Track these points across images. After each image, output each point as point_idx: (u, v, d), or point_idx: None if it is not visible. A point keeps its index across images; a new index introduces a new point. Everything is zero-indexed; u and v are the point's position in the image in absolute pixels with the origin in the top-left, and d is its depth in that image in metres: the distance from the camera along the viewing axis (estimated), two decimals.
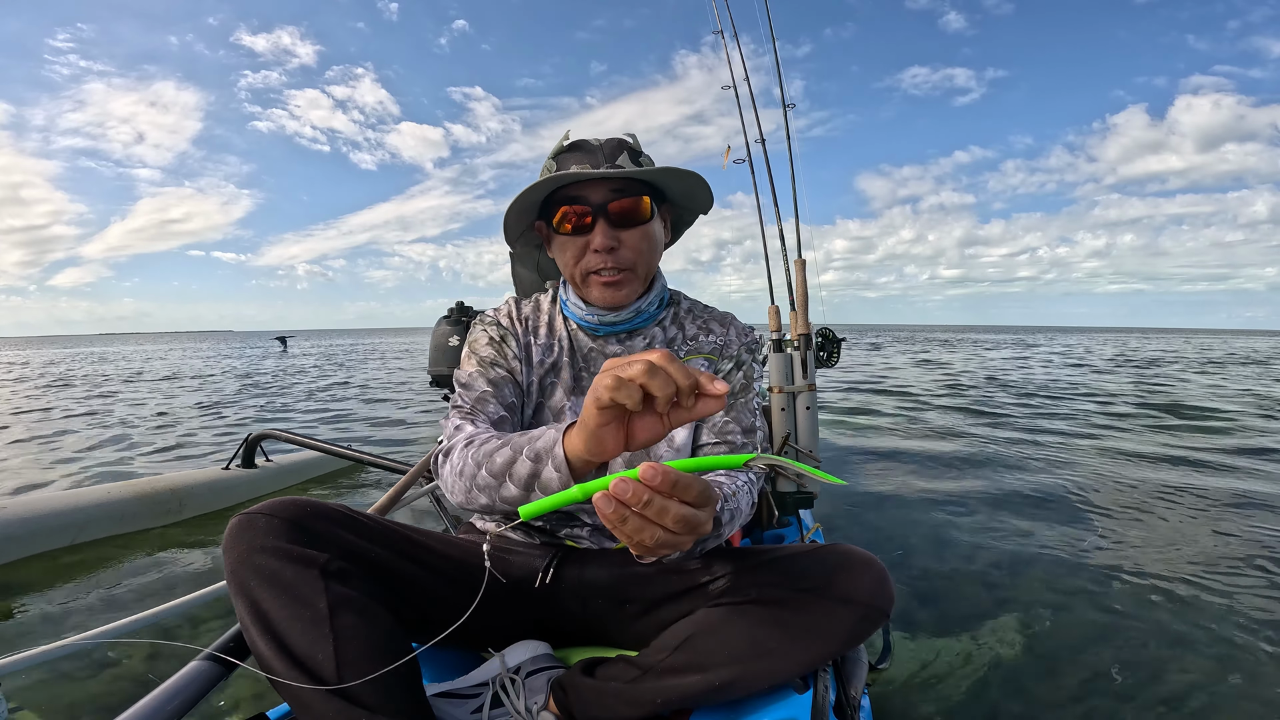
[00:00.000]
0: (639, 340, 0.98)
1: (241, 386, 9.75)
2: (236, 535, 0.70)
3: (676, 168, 0.87)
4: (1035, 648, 1.64)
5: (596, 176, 0.86)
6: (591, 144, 0.91)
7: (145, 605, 1.47)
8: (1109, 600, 1.91)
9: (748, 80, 2.14)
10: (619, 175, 0.86)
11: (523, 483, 0.68)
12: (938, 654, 1.60)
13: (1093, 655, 1.60)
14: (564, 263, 0.92)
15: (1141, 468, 3.75)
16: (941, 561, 2.22)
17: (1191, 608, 1.85)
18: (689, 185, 0.92)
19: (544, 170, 0.92)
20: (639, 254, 0.90)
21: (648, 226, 0.91)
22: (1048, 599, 1.91)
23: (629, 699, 0.77)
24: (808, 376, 1.65)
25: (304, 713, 0.64)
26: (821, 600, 0.75)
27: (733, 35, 2.17)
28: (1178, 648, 1.63)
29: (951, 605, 1.88)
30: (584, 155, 0.89)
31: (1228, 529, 2.58)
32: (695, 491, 0.51)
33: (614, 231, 0.88)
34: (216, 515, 2.78)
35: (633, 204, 0.88)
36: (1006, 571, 2.13)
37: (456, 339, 1.68)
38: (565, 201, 0.88)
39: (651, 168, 0.89)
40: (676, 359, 0.53)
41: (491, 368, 0.93)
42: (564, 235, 0.90)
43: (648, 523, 0.51)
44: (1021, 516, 2.74)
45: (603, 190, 0.87)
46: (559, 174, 0.86)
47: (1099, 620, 1.78)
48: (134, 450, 4.58)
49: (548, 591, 0.90)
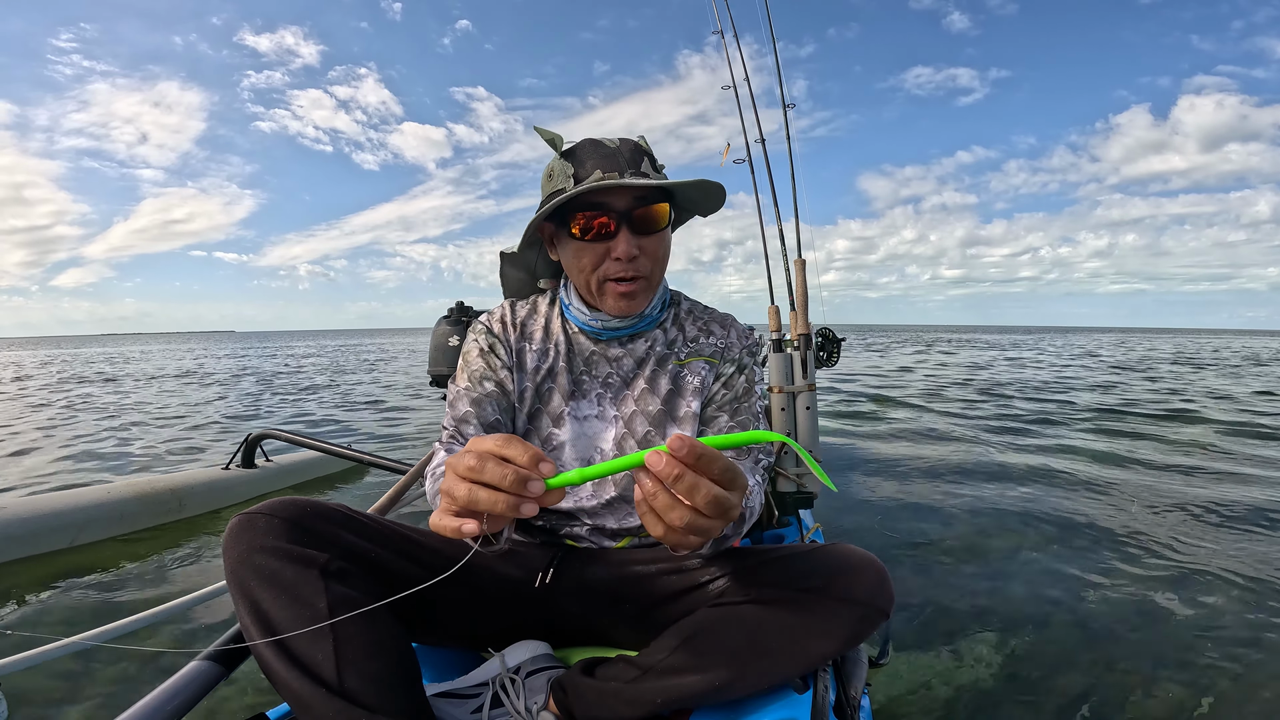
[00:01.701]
0: (640, 343, 0.98)
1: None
2: (236, 535, 0.70)
3: (706, 180, 0.86)
4: (1035, 647, 1.64)
5: (636, 186, 0.83)
6: (608, 145, 0.87)
7: (145, 605, 1.47)
8: (1110, 599, 1.91)
9: (748, 81, 2.14)
10: (655, 185, 0.83)
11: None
12: (938, 654, 1.60)
13: (1094, 654, 1.60)
14: (578, 268, 0.89)
15: (1155, 475, 3.74)
16: (942, 561, 2.22)
17: (1204, 610, 1.85)
18: (708, 194, 0.91)
19: (554, 170, 0.89)
20: (656, 261, 0.90)
21: (665, 233, 0.90)
22: (1048, 599, 1.91)
23: (629, 699, 0.77)
24: (807, 376, 1.65)
25: (304, 713, 0.64)
26: (821, 600, 0.75)
27: (733, 35, 2.17)
28: (1179, 648, 1.63)
29: (952, 605, 1.88)
30: (602, 158, 0.85)
31: (1242, 534, 2.58)
32: (720, 467, 0.51)
33: (636, 239, 0.86)
34: (216, 515, 2.78)
35: (656, 212, 0.87)
36: (1006, 572, 2.13)
37: (456, 339, 1.68)
38: (587, 207, 0.85)
39: (685, 180, 0.86)
40: (513, 443, 0.51)
41: (480, 383, 0.93)
42: (580, 240, 0.87)
43: (677, 502, 0.51)
44: (1024, 516, 2.74)
45: (627, 197, 0.85)
46: (601, 182, 0.82)
47: (1100, 621, 1.78)
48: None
49: (548, 591, 0.90)
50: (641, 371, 0.96)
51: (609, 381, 0.96)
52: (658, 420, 0.94)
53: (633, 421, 0.94)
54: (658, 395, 0.94)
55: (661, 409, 0.94)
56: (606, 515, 0.94)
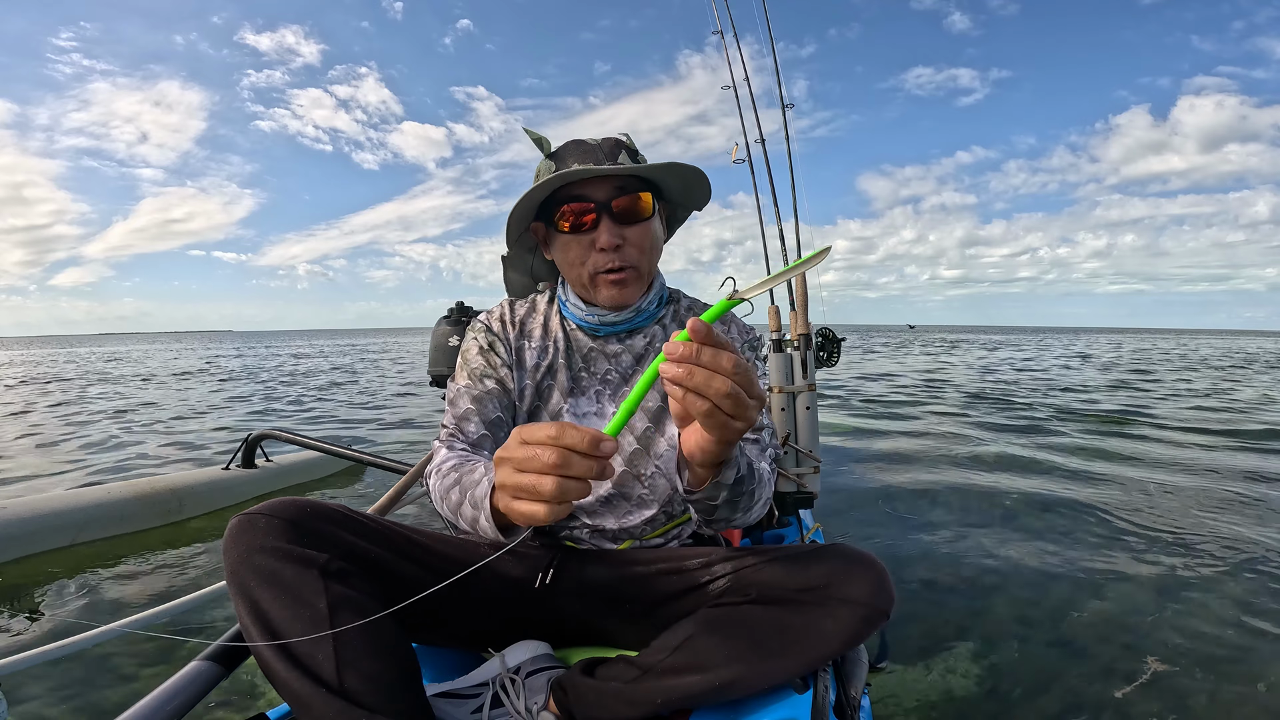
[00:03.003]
0: (639, 339, 0.98)
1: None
2: (236, 535, 0.70)
3: (680, 163, 0.88)
4: (1037, 647, 1.64)
5: (604, 173, 0.86)
6: (589, 143, 0.91)
7: (145, 605, 1.47)
8: (1111, 599, 1.91)
9: (748, 81, 2.14)
10: (625, 171, 0.86)
11: (471, 523, 0.73)
12: (939, 654, 1.60)
13: (1096, 654, 1.60)
14: (568, 263, 0.92)
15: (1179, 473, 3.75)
16: (942, 561, 2.22)
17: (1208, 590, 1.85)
18: (688, 181, 0.93)
19: (540, 172, 0.92)
20: (643, 251, 0.91)
21: (649, 223, 0.91)
22: (1051, 598, 1.91)
23: (629, 699, 0.77)
24: (808, 376, 1.65)
25: (304, 713, 0.64)
26: (822, 600, 0.75)
27: (733, 36, 2.17)
28: (1176, 646, 1.63)
29: (952, 605, 1.88)
30: (583, 154, 0.89)
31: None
32: (730, 357, 0.52)
33: (618, 229, 0.88)
34: (216, 515, 2.78)
35: (635, 200, 0.88)
36: (1009, 570, 2.13)
37: (456, 339, 1.68)
38: (567, 200, 0.87)
39: (655, 163, 0.89)
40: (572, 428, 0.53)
41: (480, 381, 0.94)
42: (566, 235, 0.89)
43: (715, 374, 0.51)
44: (1025, 517, 2.74)
45: (606, 188, 0.87)
46: (569, 170, 0.84)
47: (1103, 619, 1.78)
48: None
49: (548, 592, 0.90)
50: (640, 368, 0.97)
51: (608, 378, 0.97)
52: (656, 416, 0.95)
53: (631, 418, 0.94)
54: (656, 391, 0.95)
55: (660, 405, 0.95)
56: (606, 514, 0.94)
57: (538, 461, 0.52)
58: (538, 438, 0.53)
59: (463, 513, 0.75)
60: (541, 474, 0.53)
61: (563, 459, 0.52)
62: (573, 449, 0.52)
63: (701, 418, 0.54)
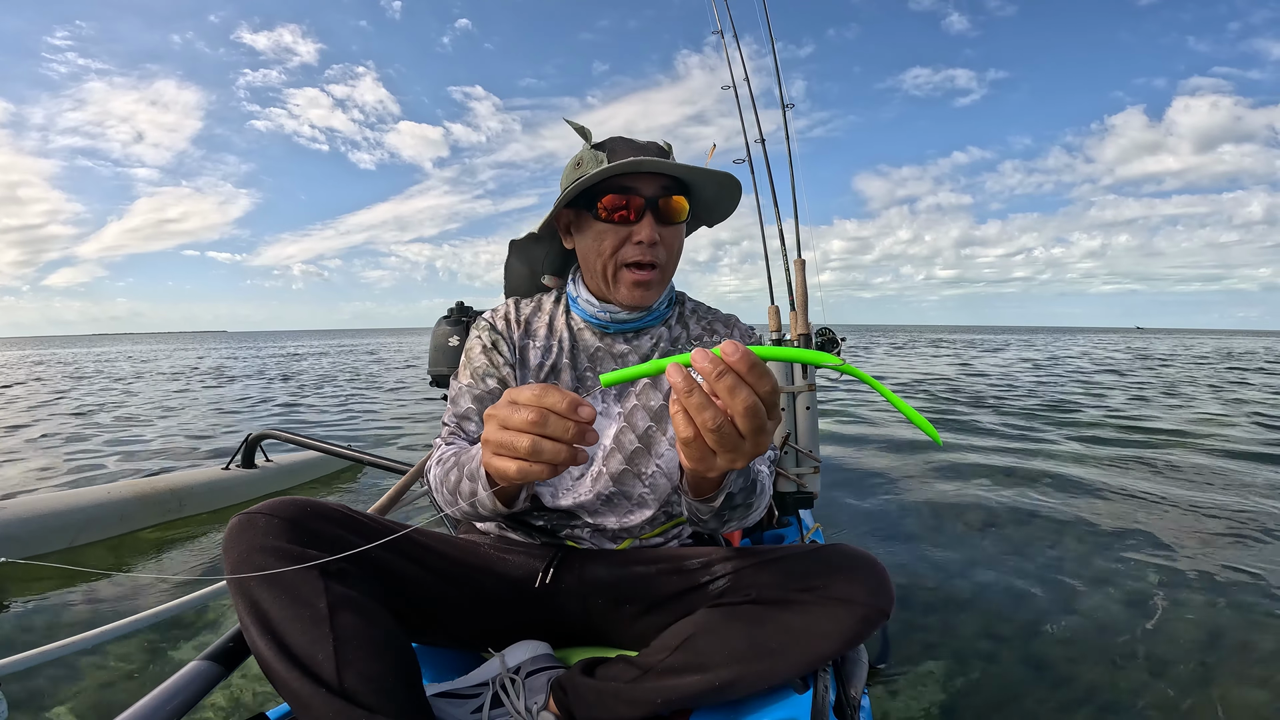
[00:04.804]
0: (645, 339, 0.98)
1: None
2: (236, 535, 0.70)
3: (732, 177, 0.90)
4: (1037, 647, 1.64)
5: (668, 168, 0.86)
6: (639, 141, 0.92)
7: (145, 605, 1.47)
8: (1113, 598, 1.91)
9: (748, 81, 2.14)
10: (683, 171, 0.87)
11: (470, 497, 0.73)
12: (939, 654, 1.59)
13: (1097, 652, 1.60)
14: (597, 251, 0.90)
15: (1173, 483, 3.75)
16: (943, 561, 2.22)
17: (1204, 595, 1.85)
18: (722, 197, 0.95)
19: (584, 158, 0.90)
20: (671, 253, 0.92)
21: (681, 228, 0.93)
22: (1052, 597, 1.91)
23: (629, 699, 0.77)
24: (807, 376, 1.65)
25: (304, 713, 0.64)
26: (822, 600, 0.75)
27: (733, 36, 2.17)
28: (1174, 645, 1.63)
29: (953, 606, 1.88)
30: (635, 149, 0.89)
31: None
32: (769, 385, 0.50)
33: (659, 227, 0.89)
34: (216, 515, 2.78)
35: (678, 204, 0.90)
36: (1008, 572, 2.13)
37: (456, 339, 1.68)
38: (616, 190, 0.87)
39: (711, 169, 0.89)
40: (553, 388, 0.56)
41: (482, 380, 0.94)
42: (604, 223, 0.89)
43: (711, 403, 0.50)
44: (1026, 517, 2.74)
45: (654, 185, 0.88)
46: (638, 159, 0.84)
47: (1104, 618, 1.78)
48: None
49: (548, 591, 0.90)
50: None
51: None
52: (659, 415, 0.95)
53: (633, 415, 0.94)
54: (660, 390, 0.95)
55: (664, 404, 0.95)
56: (607, 513, 0.94)
57: (518, 419, 0.55)
58: (523, 398, 0.56)
59: (461, 490, 0.75)
60: (520, 431, 0.55)
61: (541, 417, 0.55)
62: (552, 409, 0.55)
63: (680, 441, 0.53)
